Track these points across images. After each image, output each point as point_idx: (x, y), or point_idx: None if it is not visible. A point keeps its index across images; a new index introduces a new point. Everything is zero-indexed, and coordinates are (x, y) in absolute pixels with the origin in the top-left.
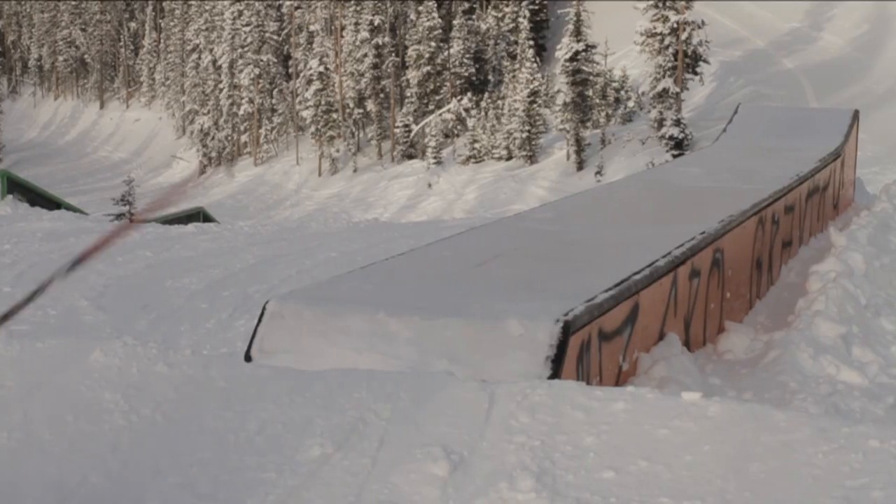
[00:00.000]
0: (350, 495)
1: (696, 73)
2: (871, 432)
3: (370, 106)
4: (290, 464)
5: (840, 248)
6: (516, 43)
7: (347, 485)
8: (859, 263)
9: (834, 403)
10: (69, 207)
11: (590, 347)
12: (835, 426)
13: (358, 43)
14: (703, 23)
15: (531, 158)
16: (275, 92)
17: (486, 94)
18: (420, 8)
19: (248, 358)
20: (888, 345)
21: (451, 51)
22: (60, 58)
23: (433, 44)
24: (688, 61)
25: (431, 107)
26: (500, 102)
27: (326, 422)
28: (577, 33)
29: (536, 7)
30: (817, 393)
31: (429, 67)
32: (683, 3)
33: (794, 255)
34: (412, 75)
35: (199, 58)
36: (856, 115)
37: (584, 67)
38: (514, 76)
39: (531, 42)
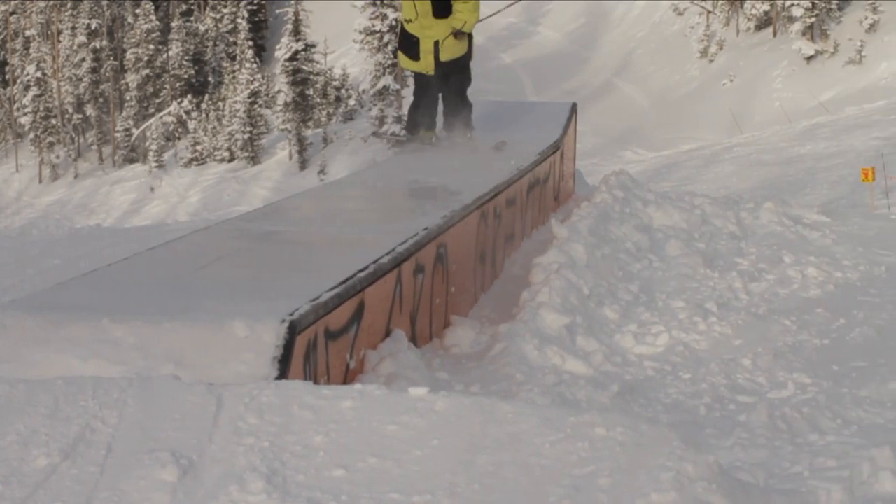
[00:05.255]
0: None
1: None
2: (597, 420)
3: (90, 110)
4: (16, 475)
5: (562, 240)
6: (235, 44)
7: (76, 494)
8: (581, 254)
9: (560, 393)
10: None
11: (316, 346)
12: (561, 416)
13: (76, 47)
14: None
15: (254, 159)
16: None
17: (207, 96)
18: (137, 11)
19: None
20: (611, 333)
21: (170, 53)
22: None
23: (152, 46)
24: None
25: (152, 110)
26: (220, 104)
27: (52, 431)
28: (297, 33)
29: (255, 7)
30: (543, 383)
31: (148, 70)
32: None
33: (518, 247)
34: (131, 79)
35: None
36: (574, 108)
37: (304, 67)
38: (234, 77)
39: (250, 43)
